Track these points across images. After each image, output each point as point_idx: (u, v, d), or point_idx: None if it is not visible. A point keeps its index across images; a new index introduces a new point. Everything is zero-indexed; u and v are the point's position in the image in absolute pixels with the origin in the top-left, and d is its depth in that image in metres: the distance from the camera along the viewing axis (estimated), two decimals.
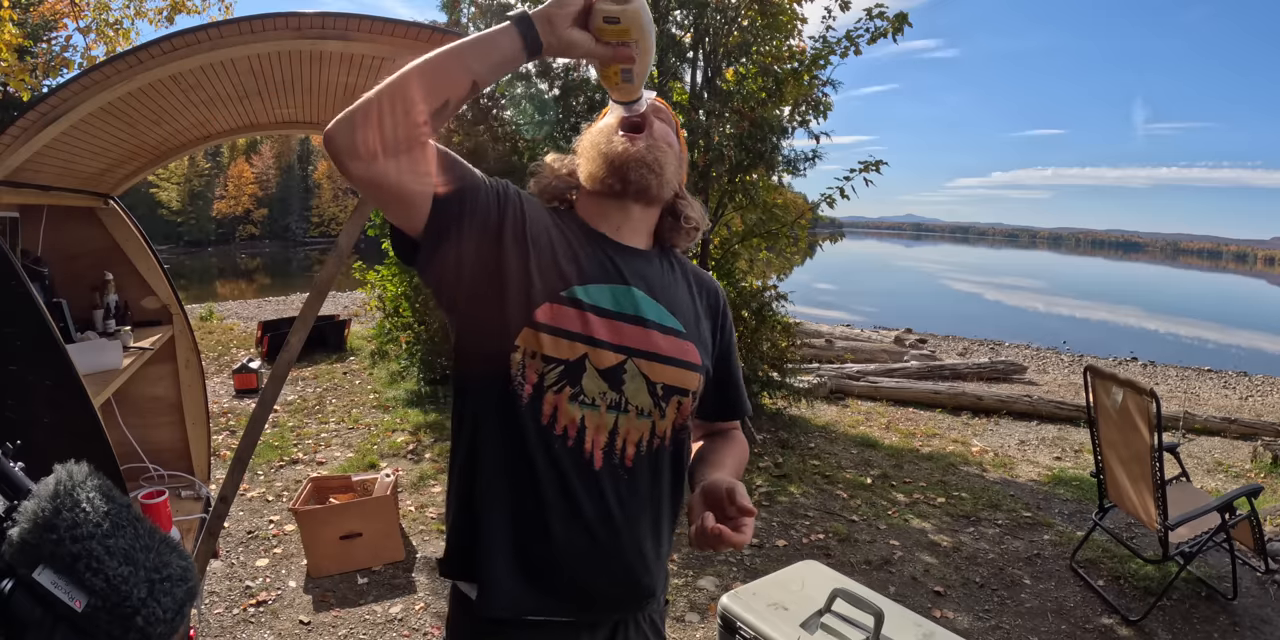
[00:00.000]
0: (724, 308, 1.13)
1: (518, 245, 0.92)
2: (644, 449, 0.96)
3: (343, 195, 48.99)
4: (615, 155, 0.98)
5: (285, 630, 2.52)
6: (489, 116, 5.14)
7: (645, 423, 0.95)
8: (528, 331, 0.89)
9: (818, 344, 8.47)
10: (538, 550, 0.92)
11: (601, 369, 0.92)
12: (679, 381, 0.98)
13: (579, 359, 0.91)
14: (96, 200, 2.18)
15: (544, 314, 0.89)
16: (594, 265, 0.96)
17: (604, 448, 0.93)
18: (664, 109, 1.07)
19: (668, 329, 0.98)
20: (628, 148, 0.98)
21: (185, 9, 6.15)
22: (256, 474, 3.99)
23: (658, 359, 0.96)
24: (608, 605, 0.98)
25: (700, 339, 1.03)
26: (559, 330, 0.90)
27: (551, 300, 0.90)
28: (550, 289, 0.91)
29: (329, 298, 10.01)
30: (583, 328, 0.91)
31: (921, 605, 2.75)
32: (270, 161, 49.03)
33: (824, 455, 4.54)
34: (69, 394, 1.23)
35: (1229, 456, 4.98)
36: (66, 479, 0.59)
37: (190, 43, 1.29)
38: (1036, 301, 23.39)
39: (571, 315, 0.91)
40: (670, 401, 0.97)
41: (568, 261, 0.94)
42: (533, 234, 0.93)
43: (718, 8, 4.40)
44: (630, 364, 0.93)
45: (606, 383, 0.92)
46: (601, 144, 1.00)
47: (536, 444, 0.91)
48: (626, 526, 0.94)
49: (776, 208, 5.09)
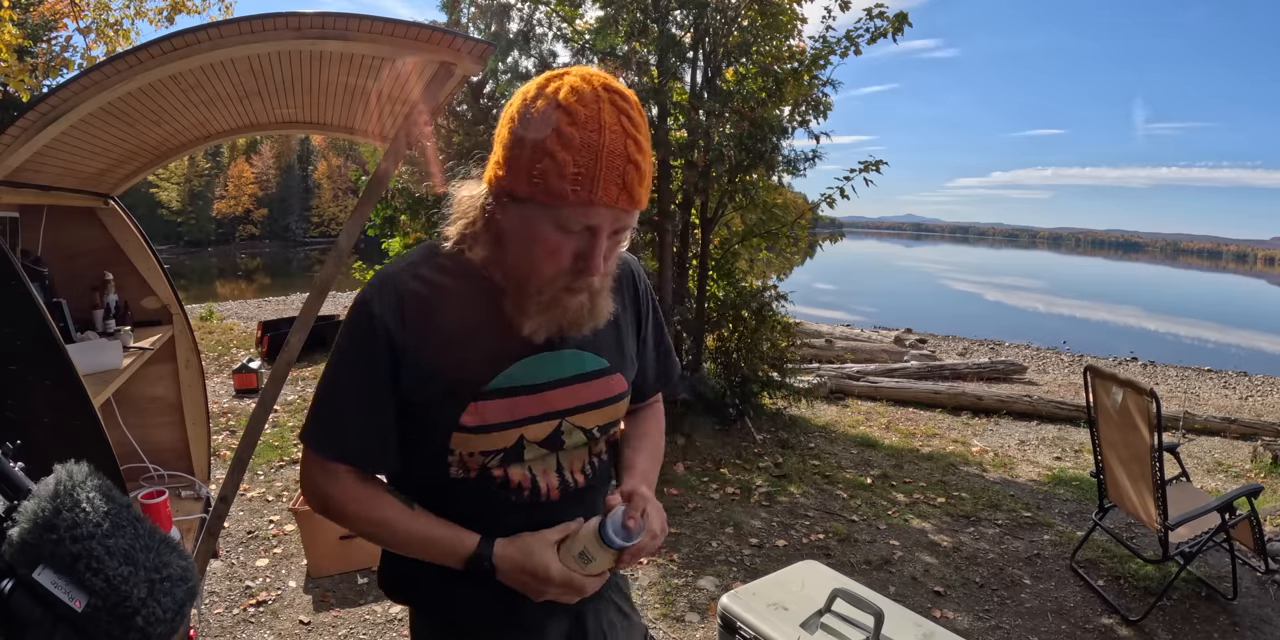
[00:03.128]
0: (638, 288, 1.05)
1: (420, 375, 0.87)
2: (589, 469, 0.99)
3: (343, 195, 49.01)
4: (559, 312, 0.86)
5: (285, 630, 2.52)
6: (489, 116, 5.13)
7: (582, 451, 0.98)
8: (458, 435, 0.89)
9: (818, 344, 8.47)
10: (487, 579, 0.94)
11: (539, 440, 0.93)
12: (610, 418, 0.99)
13: (515, 443, 0.91)
14: (96, 200, 2.18)
15: (471, 417, 0.87)
16: (512, 341, 0.89)
17: (558, 485, 0.96)
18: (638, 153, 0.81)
19: (592, 373, 0.96)
20: (574, 302, 0.86)
21: (185, 9, 6.16)
22: (256, 474, 3.98)
23: (588, 408, 0.96)
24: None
25: (624, 355, 1.02)
26: (489, 426, 0.89)
27: (476, 399, 0.88)
28: (471, 390, 0.88)
29: (329, 298, 10.00)
30: (511, 414, 0.90)
31: (921, 605, 2.75)
32: (270, 161, 49.03)
33: (824, 455, 4.54)
34: (69, 394, 1.23)
35: (1229, 456, 4.98)
36: (66, 479, 0.59)
37: (190, 43, 1.29)
38: (1036, 301, 23.39)
39: (498, 407, 0.89)
40: (606, 434, 1.00)
41: (481, 353, 0.88)
42: (430, 354, 0.87)
43: (718, 8, 4.39)
44: (565, 424, 0.94)
45: (545, 448, 0.94)
46: (544, 279, 0.84)
47: (494, 500, 0.93)
48: None
49: (776, 208, 5.09)
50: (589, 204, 0.77)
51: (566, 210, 0.77)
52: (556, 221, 0.79)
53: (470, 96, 5.08)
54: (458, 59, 1.45)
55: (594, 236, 0.80)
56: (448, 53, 1.43)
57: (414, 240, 5.30)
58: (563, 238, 0.80)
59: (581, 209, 0.77)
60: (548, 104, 0.77)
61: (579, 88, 0.77)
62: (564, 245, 0.80)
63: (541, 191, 0.77)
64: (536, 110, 0.78)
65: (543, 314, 0.85)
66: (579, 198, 0.76)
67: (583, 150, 0.75)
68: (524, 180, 0.78)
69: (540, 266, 0.82)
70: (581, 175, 0.75)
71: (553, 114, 0.76)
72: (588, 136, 0.76)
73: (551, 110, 0.76)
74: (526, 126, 0.78)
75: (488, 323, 0.88)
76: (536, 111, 0.78)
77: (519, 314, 0.86)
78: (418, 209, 5.11)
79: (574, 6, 4.78)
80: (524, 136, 0.78)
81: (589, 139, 0.75)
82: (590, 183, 0.76)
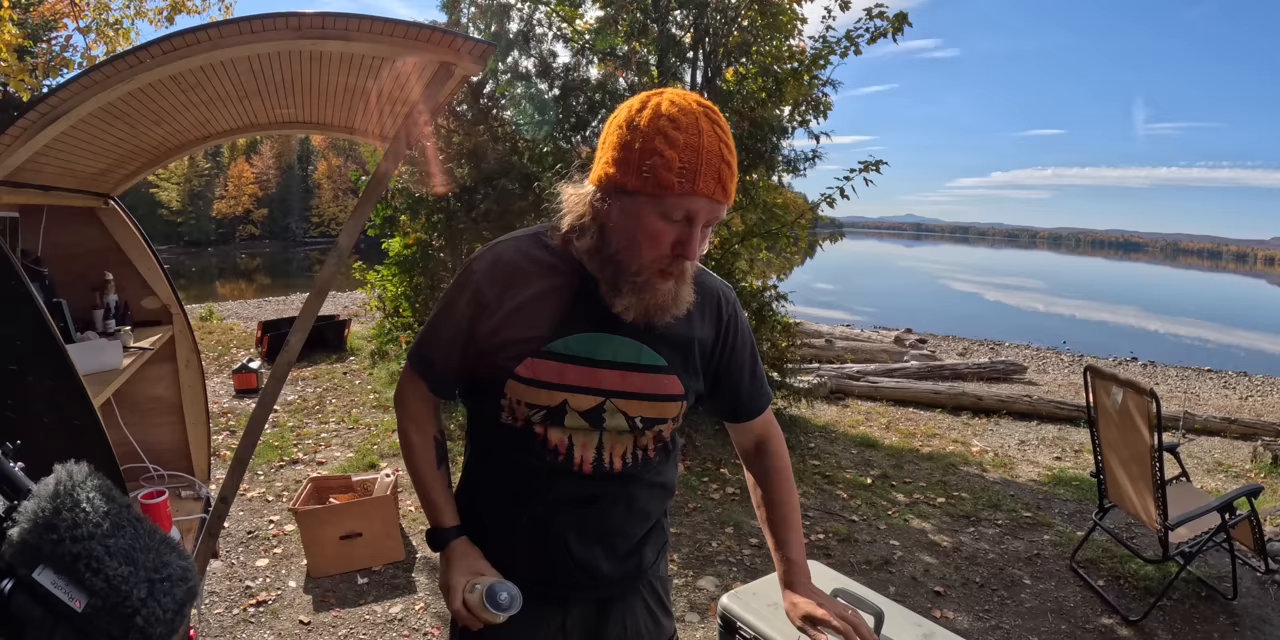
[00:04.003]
0: (728, 310, 1.13)
1: (494, 325, 1.03)
2: (629, 459, 1.08)
3: (343, 195, 49.01)
4: (650, 295, 0.97)
5: (285, 630, 2.52)
6: (489, 116, 5.14)
7: (628, 438, 1.07)
8: (512, 383, 1.02)
9: (818, 344, 8.47)
10: (519, 538, 1.09)
11: (581, 411, 1.03)
12: (657, 413, 1.07)
13: (559, 404, 1.03)
14: (96, 200, 2.18)
15: (525, 369, 1.01)
16: (579, 316, 1.02)
17: (593, 461, 1.06)
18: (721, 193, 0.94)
19: (648, 367, 1.05)
20: (664, 287, 0.97)
21: (185, 9, 6.15)
22: (256, 474, 3.98)
23: (635, 396, 1.05)
24: (585, 583, 1.11)
25: (688, 366, 1.09)
26: (538, 382, 1.02)
27: (533, 355, 1.01)
28: (531, 347, 1.01)
29: (329, 298, 10.02)
30: (559, 378, 1.02)
31: (921, 605, 2.75)
32: (270, 161, 49.01)
33: (824, 455, 4.54)
34: (69, 394, 1.23)
35: (1229, 456, 4.98)
36: (66, 479, 0.59)
37: (190, 43, 1.29)
38: (1036, 301, 23.39)
39: (550, 368, 1.01)
40: (650, 429, 1.07)
41: (549, 319, 1.02)
42: (507, 311, 1.02)
43: (718, 8, 4.40)
44: (609, 404, 1.04)
45: (587, 421, 1.04)
46: (643, 261, 0.95)
47: (531, 454, 1.05)
48: (604, 517, 1.09)
49: (776, 208, 5.08)
50: (691, 194, 0.90)
51: (671, 200, 0.91)
52: (661, 210, 0.92)
53: (470, 96, 5.08)
54: (458, 59, 1.45)
55: (691, 225, 0.93)
56: (448, 53, 1.43)
57: (414, 240, 5.31)
58: (665, 225, 0.93)
59: (684, 199, 0.90)
60: (654, 113, 0.92)
61: (677, 101, 0.93)
62: (665, 232, 0.93)
63: (651, 184, 0.90)
64: (644, 119, 0.92)
65: (635, 294, 0.96)
66: (683, 188, 0.89)
67: (686, 149, 0.89)
68: (635, 175, 0.91)
69: (643, 251, 0.94)
70: (686, 169, 0.89)
71: (659, 121, 0.91)
72: (690, 139, 0.90)
73: (658, 118, 0.91)
74: (635, 132, 0.92)
75: (564, 298, 1.02)
76: (644, 120, 0.92)
77: (613, 293, 0.98)
78: (418, 209, 5.12)
79: (574, 6, 4.78)
80: (634, 139, 0.92)
81: (691, 141, 0.90)
82: (693, 176, 0.89)
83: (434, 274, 5.39)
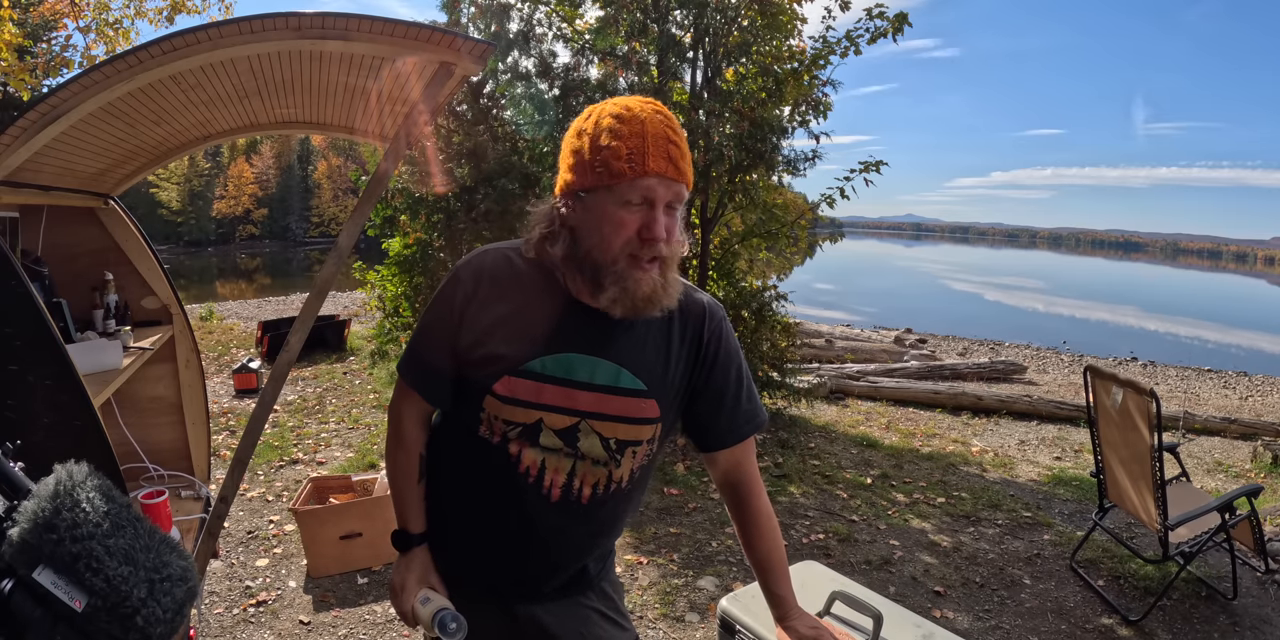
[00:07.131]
0: (711, 327, 1.10)
1: (475, 337, 1.04)
2: (600, 491, 1.08)
3: (343, 195, 48.99)
4: (633, 285, 0.96)
5: (285, 630, 2.52)
6: (489, 116, 5.13)
7: (602, 470, 1.07)
8: (490, 399, 1.04)
9: (818, 344, 8.47)
10: (476, 547, 1.13)
11: (557, 430, 1.04)
12: (632, 436, 1.06)
13: (535, 422, 1.04)
14: (96, 200, 2.18)
15: (502, 387, 1.03)
16: (558, 336, 1.03)
17: (562, 486, 1.06)
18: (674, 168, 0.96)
19: (625, 390, 1.05)
20: (646, 277, 0.96)
21: (185, 9, 6.16)
22: (256, 474, 3.98)
23: (610, 419, 1.05)
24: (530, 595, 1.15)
25: (665, 390, 1.07)
26: (515, 400, 1.03)
27: (510, 374, 1.02)
28: (508, 365, 1.03)
29: (329, 298, 10.01)
30: (536, 397, 1.03)
31: (921, 605, 2.75)
32: (270, 161, 49.01)
33: (824, 455, 4.54)
34: (69, 394, 1.23)
35: (1229, 456, 4.98)
36: (66, 479, 0.59)
37: (190, 43, 1.29)
38: (1036, 301, 23.39)
39: (527, 386, 1.03)
40: (625, 452, 1.07)
41: (528, 338, 1.03)
42: (487, 324, 1.04)
43: (718, 8, 4.39)
44: (584, 424, 1.04)
45: (562, 440, 1.05)
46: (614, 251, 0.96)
47: (501, 474, 1.06)
48: (561, 543, 1.11)
49: (776, 208, 5.09)
50: (643, 175, 0.92)
51: (625, 185, 0.93)
52: (619, 199, 0.94)
53: (470, 96, 5.08)
54: (458, 59, 1.45)
55: (651, 208, 0.94)
56: (448, 53, 1.43)
57: (414, 240, 5.30)
58: (627, 213, 0.94)
59: (638, 181, 0.92)
60: (599, 118, 0.96)
61: (621, 101, 0.98)
62: (629, 220, 0.95)
63: (605, 176, 0.93)
64: (590, 124, 0.97)
65: (617, 284, 0.96)
66: (635, 172, 0.92)
67: (631, 137, 0.93)
68: (589, 174, 0.95)
69: (610, 241, 0.95)
70: (634, 154, 0.92)
71: (604, 121, 0.95)
72: (634, 128, 0.93)
73: (603, 118, 0.95)
74: (584, 137, 0.96)
75: (544, 316, 1.03)
76: (590, 125, 0.96)
77: (597, 290, 0.98)
78: (418, 209, 5.11)
79: (574, 6, 4.78)
80: (584, 144, 0.96)
81: (635, 129, 0.93)
82: (641, 157, 0.92)
83: (434, 274, 5.39)
